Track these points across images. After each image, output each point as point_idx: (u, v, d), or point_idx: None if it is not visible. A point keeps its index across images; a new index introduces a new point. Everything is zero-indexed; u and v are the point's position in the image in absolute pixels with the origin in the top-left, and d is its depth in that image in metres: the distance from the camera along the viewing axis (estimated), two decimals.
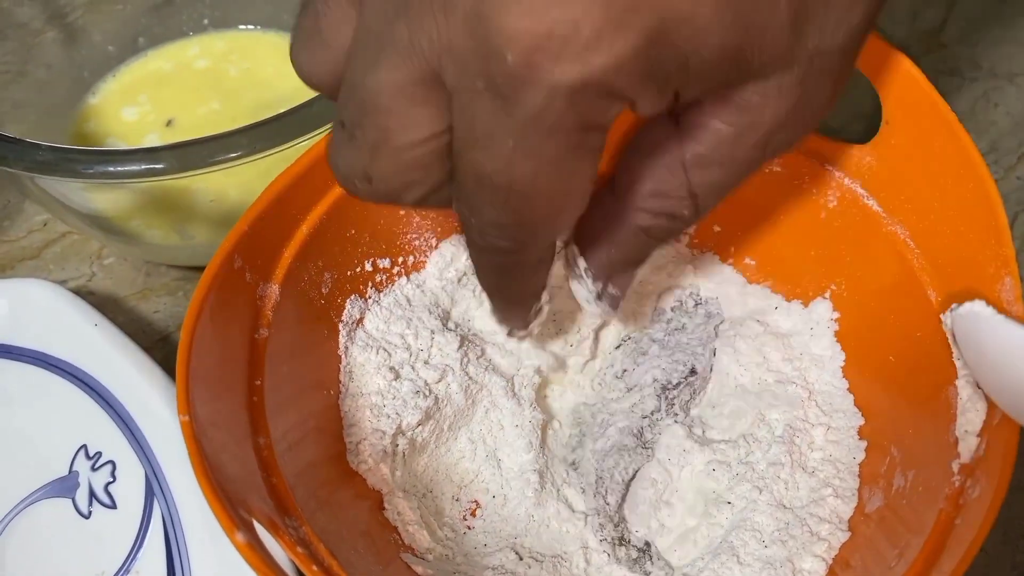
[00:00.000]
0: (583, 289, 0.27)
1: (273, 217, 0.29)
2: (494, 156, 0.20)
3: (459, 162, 0.21)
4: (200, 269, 0.39)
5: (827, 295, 0.33)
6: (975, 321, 0.25)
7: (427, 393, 0.31)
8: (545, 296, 0.27)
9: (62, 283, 0.38)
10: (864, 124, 0.43)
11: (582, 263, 0.26)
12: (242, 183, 0.32)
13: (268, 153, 0.29)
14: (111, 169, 0.29)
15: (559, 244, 0.28)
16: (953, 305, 0.26)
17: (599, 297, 0.27)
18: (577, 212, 0.22)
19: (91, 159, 0.29)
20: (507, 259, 0.24)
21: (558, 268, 0.28)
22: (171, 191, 0.32)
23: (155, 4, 0.45)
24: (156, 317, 0.38)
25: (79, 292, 0.36)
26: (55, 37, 0.45)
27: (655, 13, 0.18)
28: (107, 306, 0.36)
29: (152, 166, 0.29)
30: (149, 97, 0.43)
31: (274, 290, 0.29)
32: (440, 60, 0.19)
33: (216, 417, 0.24)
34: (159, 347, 0.37)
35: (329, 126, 0.30)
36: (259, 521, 0.22)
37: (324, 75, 0.22)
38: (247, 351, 0.27)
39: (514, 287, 0.26)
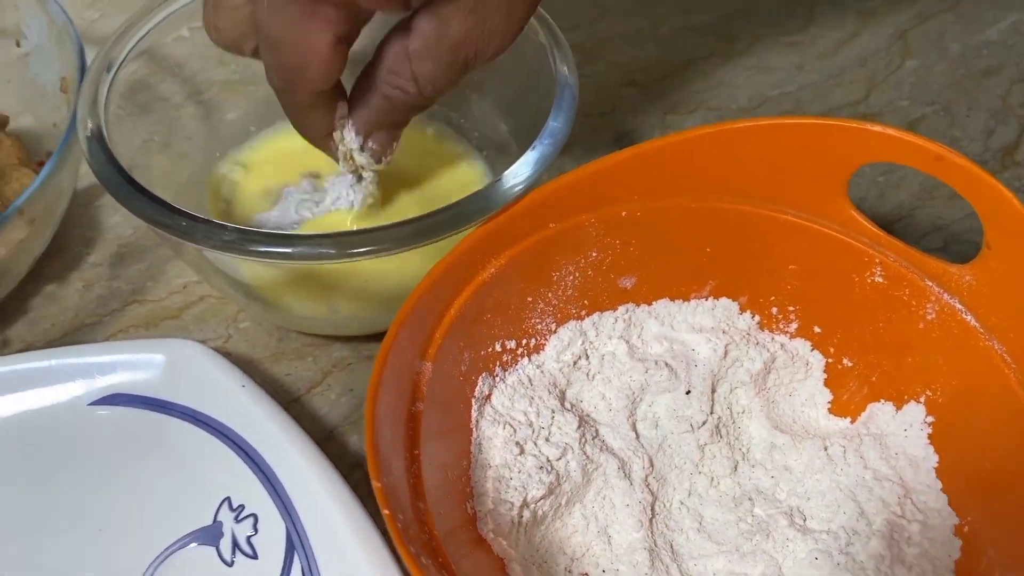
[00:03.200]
0: (351, 140, 0.35)
1: (430, 300, 0.32)
2: (260, 12, 0.30)
3: None
4: (329, 337, 0.42)
5: (922, 400, 0.35)
6: None
7: (549, 469, 0.34)
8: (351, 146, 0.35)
9: (201, 343, 0.42)
10: (964, 245, 0.46)
11: (349, 120, 0.34)
12: (396, 267, 0.35)
13: (429, 243, 0.33)
14: (286, 251, 0.32)
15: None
16: None
17: (362, 149, 0.35)
18: (321, 71, 0.31)
19: (269, 241, 0.32)
20: (285, 98, 0.33)
21: None
22: (327, 270, 0.36)
23: None
24: (287, 379, 0.41)
25: (217, 352, 0.39)
26: (193, 112, 0.49)
27: None
28: (243, 367, 0.39)
29: (322, 251, 0.32)
30: (275, 170, 0.46)
31: (428, 367, 0.32)
32: None
33: (390, 484, 0.27)
34: (291, 408, 0.40)
35: (480, 220, 0.33)
36: None
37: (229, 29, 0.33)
38: (406, 423, 0.30)
39: (299, 123, 0.35)
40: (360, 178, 0.39)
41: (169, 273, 0.45)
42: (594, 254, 0.37)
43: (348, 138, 0.35)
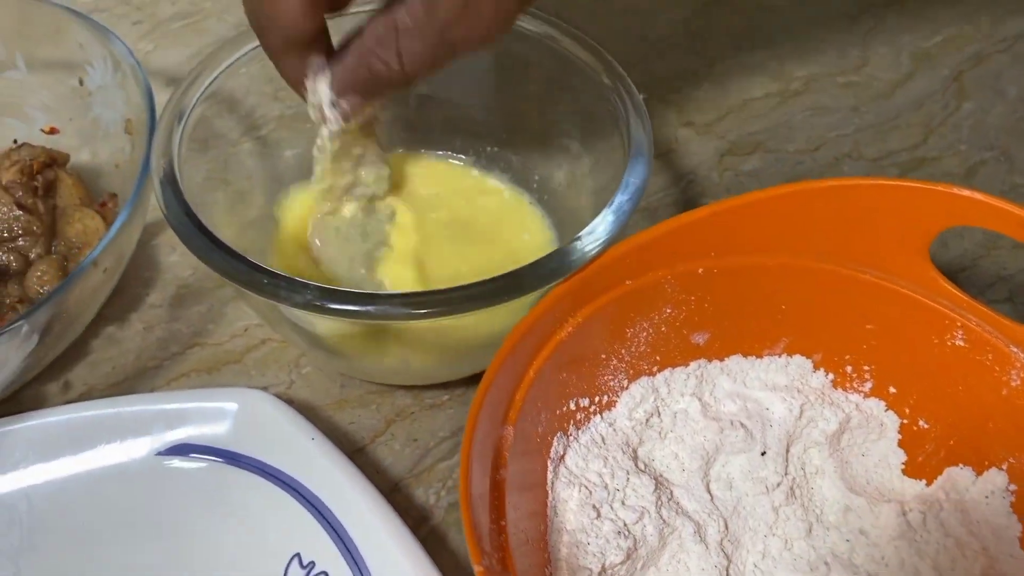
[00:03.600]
0: (325, 92, 0.35)
1: (510, 364, 0.32)
2: None
3: None
4: (393, 385, 0.42)
5: (1004, 467, 0.35)
6: None
7: (627, 534, 0.33)
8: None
9: (264, 389, 0.41)
10: (1020, 305, 0.45)
11: (327, 74, 0.34)
12: (472, 322, 0.35)
13: (507, 305, 0.32)
14: (368, 310, 0.32)
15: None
16: None
17: (333, 105, 0.35)
18: (292, 21, 0.32)
19: (351, 300, 0.32)
20: (262, 42, 0.34)
21: None
22: (405, 324, 0.35)
23: None
24: (351, 428, 0.40)
25: (280, 399, 0.38)
26: (251, 149, 0.49)
27: None
28: (305, 414, 0.38)
29: (409, 311, 0.31)
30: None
31: (509, 432, 0.31)
32: None
33: (484, 560, 0.26)
34: (355, 458, 0.39)
35: (560, 280, 0.33)
36: None
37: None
38: (491, 493, 0.30)
39: (275, 64, 0.35)
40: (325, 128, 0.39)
41: (229, 315, 0.44)
42: (668, 310, 0.37)
43: (321, 91, 0.35)
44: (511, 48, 0.48)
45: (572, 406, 0.36)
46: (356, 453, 0.40)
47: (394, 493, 0.39)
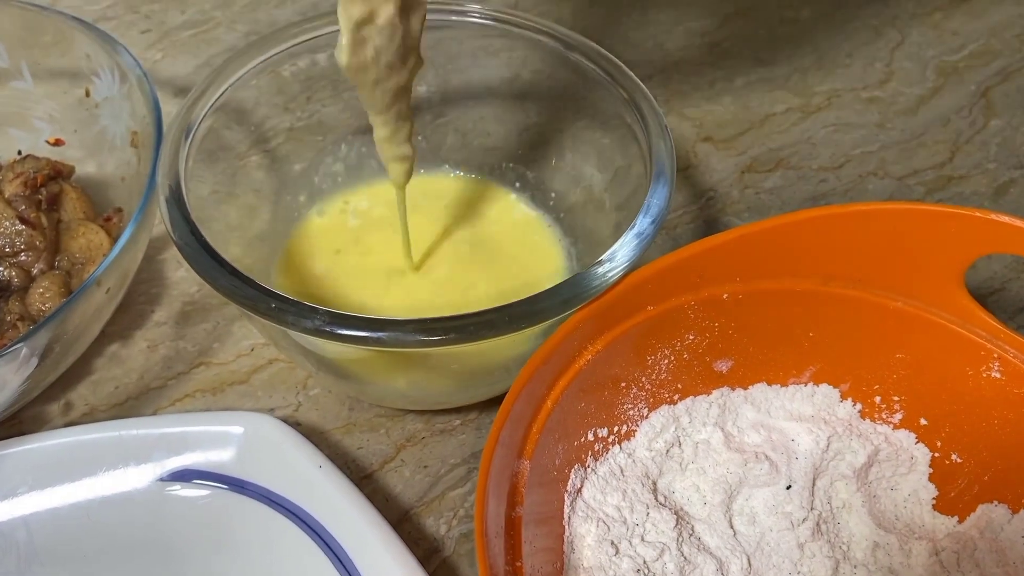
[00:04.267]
0: None
1: (527, 395, 0.30)
2: None
3: None
4: (403, 410, 0.40)
5: None
6: None
7: (647, 572, 0.32)
8: None
9: (270, 411, 0.40)
10: None
11: None
12: (487, 347, 0.33)
13: (528, 329, 0.31)
14: (379, 336, 0.30)
15: None
16: None
17: None
18: None
19: (360, 325, 0.30)
20: None
21: None
22: (415, 352, 0.34)
23: (364, 143, 0.47)
24: (360, 453, 0.39)
25: (287, 421, 0.37)
26: (259, 162, 0.48)
27: None
28: (313, 438, 0.37)
29: (419, 338, 0.30)
30: (356, 228, 0.45)
31: (526, 466, 0.30)
32: None
33: None
34: (364, 484, 0.38)
35: (579, 307, 0.32)
36: None
37: None
38: (506, 530, 0.28)
39: None
40: None
41: (236, 334, 0.43)
42: (691, 337, 0.35)
43: None
44: (527, 62, 0.47)
45: (591, 436, 0.34)
46: (364, 479, 0.38)
47: (404, 523, 0.37)
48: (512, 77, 0.49)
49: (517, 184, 0.46)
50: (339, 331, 0.30)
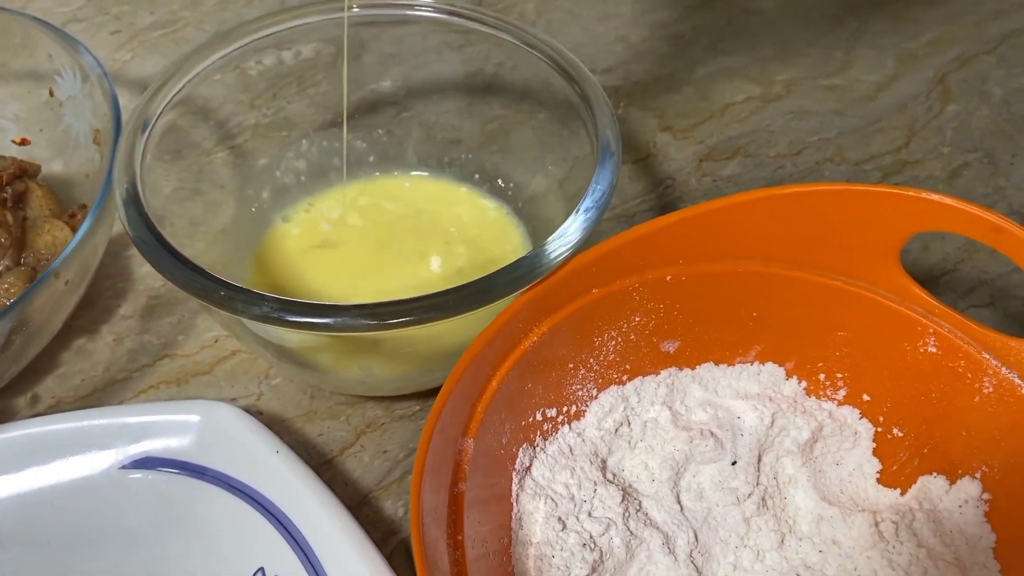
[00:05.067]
0: None
1: (471, 375, 0.31)
2: None
3: None
4: (361, 396, 0.41)
5: (978, 475, 0.34)
6: None
7: (592, 546, 0.33)
8: None
9: (232, 400, 0.41)
10: (1000, 311, 0.45)
11: None
12: (435, 331, 0.34)
13: (471, 313, 0.32)
14: (326, 322, 0.31)
15: None
16: None
17: None
18: None
19: (308, 312, 0.31)
20: None
21: None
22: (366, 336, 0.35)
23: (326, 138, 0.48)
24: (320, 440, 0.40)
25: (249, 411, 0.38)
26: (225, 159, 0.49)
27: None
28: (274, 426, 0.38)
29: (364, 321, 0.31)
30: (324, 228, 0.46)
31: (470, 444, 0.31)
32: None
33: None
34: (324, 470, 0.39)
35: (523, 289, 0.33)
36: None
37: None
38: (449, 507, 0.29)
39: None
40: None
41: (200, 327, 0.44)
42: (637, 319, 0.36)
43: None
44: (489, 56, 0.48)
45: (539, 416, 0.35)
46: (324, 465, 0.39)
47: (363, 506, 0.38)
48: (475, 72, 0.49)
49: (477, 176, 0.47)
50: (288, 317, 0.31)
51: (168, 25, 0.61)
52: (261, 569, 0.34)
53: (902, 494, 0.36)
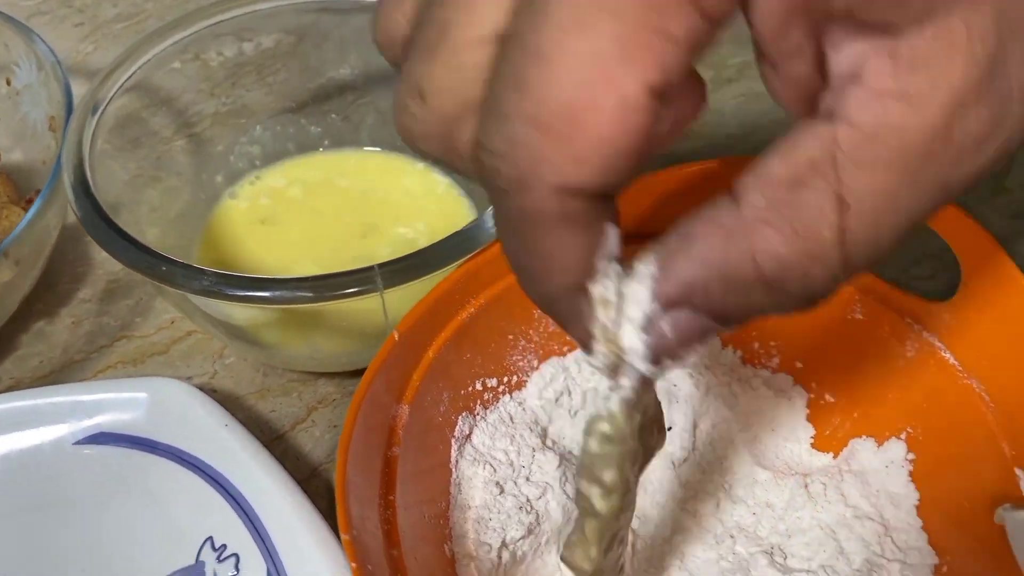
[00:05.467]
0: (634, 308, 0.19)
1: (407, 344, 0.32)
2: (524, 58, 0.16)
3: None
4: (314, 373, 0.42)
5: (903, 436, 0.35)
6: None
7: (529, 509, 0.34)
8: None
9: (187, 379, 0.42)
10: (943, 282, 0.46)
11: (635, 274, 0.19)
12: (376, 305, 0.35)
13: (403, 288, 0.33)
14: (263, 295, 0.32)
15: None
16: (1006, 505, 0.28)
17: (646, 330, 0.19)
18: (623, 137, 0.17)
19: (246, 285, 0.32)
20: (518, 200, 0.17)
21: None
22: (306, 310, 0.36)
23: (280, 123, 0.49)
24: (272, 416, 0.41)
25: (203, 388, 0.39)
26: (183, 146, 0.49)
27: None
28: (228, 403, 0.39)
29: (299, 294, 0.32)
30: (270, 203, 0.47)
31: (404, 411, 0.32)
32: None
33: (362, 533, 0.27)
34: (276, 445, 0.40)
35: (461, 261, 0.34)
36: None
37: (396, 38, 0.20)
38: (382, 468, 0.30)
39: (536, 249, 0.18)
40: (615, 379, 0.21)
41: (157, 308, 0.45)
42: None
43: (629, 301, 0.19)
44: None
45: (479, 386, 0.36)
46: (276, 440, 0.40)
47: (313, 479, 0.39)
48: None
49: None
50: (227, 291, 0.32)
51: (131, 17, 0.61)
52: (210, 538, 0.35)
53: (835, 457, 0.37)
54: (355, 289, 0.32)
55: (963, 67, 0.15)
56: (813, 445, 0.37)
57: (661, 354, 0.19)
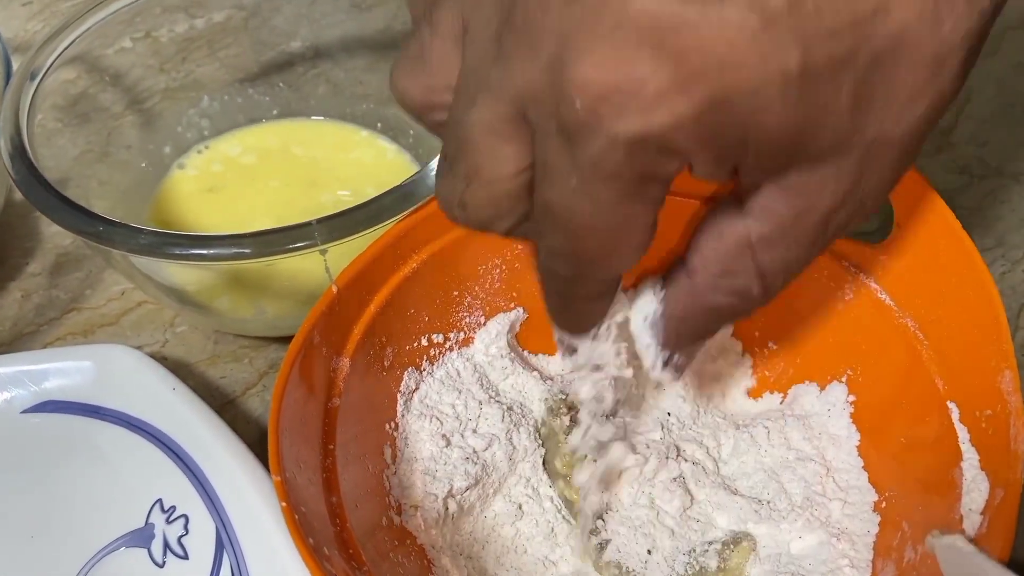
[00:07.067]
0: (650, 356, 0.29)
1: (346, 299, 0.32)
2: (559, 192, 0.22)
3: (534, 192, 0.23)
4: (265, 339, 0.42)
5: (843, 379, 0.36)
6: (955, 553, 0.27)
7: (475, 460, 0.34)
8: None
9: (138, 348, 0.42)
10: (879, 223, 0.46)
11: (649, 334, 0.29)
12: (314, 266, 0.35)
13: (343, 242, 0.33)
14: (202, 252, 0.32)
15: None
16: (935, 532, 0.28)
17: (665, 364, 0.29)
18: (632, 256, 0.24)
19: (185, 243, 0.32)
20: (566, 287, 0.26)
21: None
22: (250, 271, 0.36)
23: (228, 93, 0.49)
24: (223, 382, 0.41)
25: (154, 357, 0.39)
26: (133, 121, 0.49)
27: (721, 82, 0.20)
28: (179, 371, 0.39)
29: (238, 250, 0.32)
30: (222, 170, 0.47)
31: (345, 363, 0.32)
32: (525, 101, 0.21)
33: (299, 478, 0.27)
34: (227, 410, 0.40)
35: (397, 217, 0.34)
36: (336, 572, 0.25)
37: (418, 98, 0.24)
38: (322, 418, 0.30)
39: (571, 313, 0.27)
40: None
41: (107, 280, 0.45)
42: (520, 246, 0.37)
43: (648, 355, 0.28)
44: (391, 14, 0.49)
45: (424, 342, 0.36)
46: (227, 405, 0.40)
47: (262, 440, 0.38)
48: (384, 28, 0.51)
49: (379, 125, 0.48)
50: (165, 249, 0.32)
51: None
52: (159, 500, 0.36)
53: (781, 403, 0.37)
54: (294, 244, 0.32)
55: (831, 192, 0.23)
56: (756, 393, 0.38)
57: (679, 372, 0.29)
